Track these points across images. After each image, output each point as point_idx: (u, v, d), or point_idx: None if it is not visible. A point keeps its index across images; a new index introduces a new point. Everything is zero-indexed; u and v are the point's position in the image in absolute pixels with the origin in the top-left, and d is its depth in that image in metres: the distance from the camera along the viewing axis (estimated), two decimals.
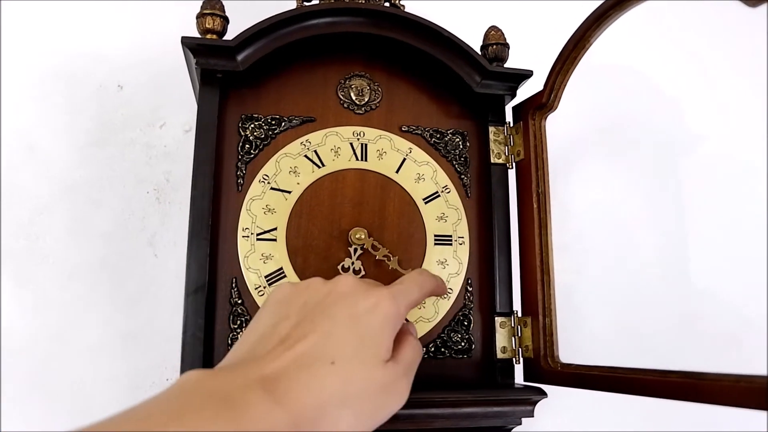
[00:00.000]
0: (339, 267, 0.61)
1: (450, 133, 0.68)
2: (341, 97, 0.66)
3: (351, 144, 0.65)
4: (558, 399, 0.63)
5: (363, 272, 0.61)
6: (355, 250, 0.61)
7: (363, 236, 0.61)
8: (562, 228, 0.79)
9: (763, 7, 0.41)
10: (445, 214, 0.65)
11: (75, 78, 0.84)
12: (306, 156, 0.63)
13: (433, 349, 0.62)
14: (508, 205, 0.66)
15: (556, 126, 0.72)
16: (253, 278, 0.59)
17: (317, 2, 0.63)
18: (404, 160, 0.65)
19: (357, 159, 0.64)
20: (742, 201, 0.96)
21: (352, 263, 0.61)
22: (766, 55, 0.98)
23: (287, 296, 0.47)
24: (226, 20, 0.61)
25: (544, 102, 0.63)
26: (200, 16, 0.61)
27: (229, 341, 0.58)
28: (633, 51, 0.97)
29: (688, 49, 1.02)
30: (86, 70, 0.84)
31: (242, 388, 0.37)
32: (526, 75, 0.66)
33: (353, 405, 0.41)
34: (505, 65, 0.67)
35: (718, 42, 1.03)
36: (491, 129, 0.68)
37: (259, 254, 0.60)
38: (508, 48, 0.67)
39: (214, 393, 0.36)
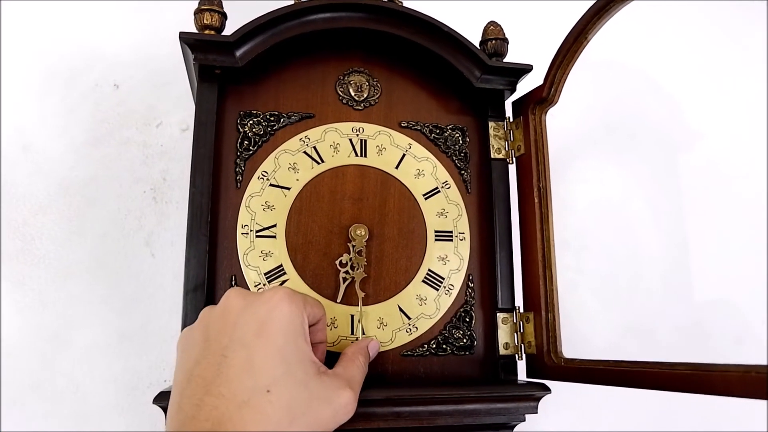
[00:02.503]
0: (337, 263, 0.60)
1: (450, 128, 0.67)
2: (340, 93, 0.66)
3: (350, 140, 0.64)
4: (562, 395, 0.62)
5: (361, 267, 0.60)
6: (353, 246, 0.60)
7: (363, 232, 0.60)
8: (563, 224, 0.79)
9: (763, 3, 0.41)
10: (446, 209, 0.65)
11: (71, 77, 0.83)
12: (305, 152, 0.63)
13: (434, 345, 0.61)
14: (509, 201, 0.66)
15: (556, 122, 0.72)
16: (252, 276, 0.59)
17: None
18: (404, 155, 0.65)
19: (356, 155, 0.64)
20: (741, 197, 0.96)
21: (350, 259, 0.60)
22: (765, 51, 0.98)
23: (188, 341, 0.46)
24: (224, 16, 0.61)
25: (545, 96, 0.63)
26: (198, 12, 0.60)
27: None
28: (633, 47, 0.97)
29: (688, 45, 1.02)
30: (82, 68, 0.84)
31: None
32: (525, 69, 0.65)
33: (301, 422, 0.42)
34: (505, 60, 0.66)
35: (717, 38, 1.03)
36: (491, 124, 0.67)
37: (258, 251, 0.59)
38: (508, 43, 0.67)
39: None
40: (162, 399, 0.51)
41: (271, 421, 0.40)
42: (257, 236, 0.60)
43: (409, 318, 0.61)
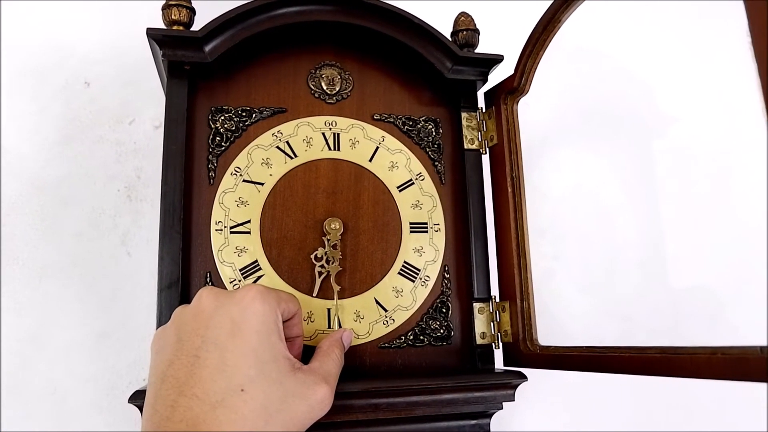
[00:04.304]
0: (312, 257, 0.60)
1: (423, 120, 0.67)
2: (312, 87, 0.65)
3: (323, 134, 0.64)
4: (541, 382, 0.63)
5: (336, 261, 0.60)
6: (328, 240, 0.60)
7: (338, 226, 0.60)
8: (538, 213, 0.79)
9: None
10: (420, 201, 0.65)
11: (41, 75, 0.82)
12: (278, 147, 0.63)
13: (412, 337, 0.62)
14: (483, 191, 0.66)
15: (530, 111, 0.73)
16: (227, 272, 0.59)
17: None
18: (377, 148, 0.65)
19: (330, 149, 0.64)
20: (714, 181, 0.98)
21: (326, 252, 0.60)
22: (738, 34, 0.99)
23: (160, 342, 0.46)
24: (192, 11, 0.60)
25: (516, 86, 0.63)
26: (166, 8, 0.59)
27: None
28: (604, 35, 0.98)
29: (659, 30, 1.03)
30: (52, 67, 0.83)
31: None
32: (496, 60, 0.66)
33: (277, 420, 0.42)
34: (476, 51, 0.67)
35: (688, 22, 1.04)
36: (464, 115, 0.68)
37: (233, 247, 0.59)
38: (479, 34, 0.67)
39: None
40: (137, 398, 0.51)
41: (247, 420, 0.40)
42: (231, 232, 0.59)
43: (385, 310, 0.61)
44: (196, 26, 0.60)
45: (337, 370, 0.51)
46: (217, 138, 0.61)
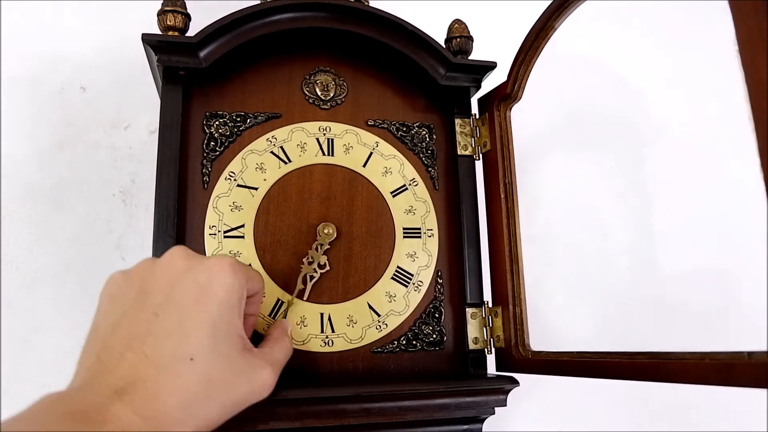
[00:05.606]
0: (304, 260, 0.60)
1: (416, 126, 0.68)
2: (306, 92, 0.66)
3: (317, 139, 0.64)
4: (533, 388, 0.63)
5: (328, 267, 0.60)
6: (321, 245, 0.60)
7: (331, 231, 0.60)
8: (531, 219, 0.80)
9: None
10: (414, 207, 0.65)
11: (36, 80, 0.82)
12: (272, 152, 0.63)
13: (404, 342, 0.62)
14: (476, 197, 0.67)
15: (523, 118, 0.73)
16: None
17: None
18: (371, 154, 0.65)
19: (324, 154, 0.64)
20: (706, 187, 0.98)
21: (318, 257, 0.60)
22: (727, 40, 1.00)
23: (120, 289, 0.45)
24: (187, 17, 0.61)
25: (509, 92, 0.64)
26: (161, 14, 0.60)
27: None
28: (597, 42, 0.98)
29: (650, 36, 1.03)
30: (47, 72, 0.83)
31: (98, 407, 0.36)
32: (490, 66, 0.66)
33: (218, 396, 0.41)
34: (470, 58, 0.67)
35: (679, 29, 1.04)
36: (457, 121, 0.68)
37: (226, 252, 0.59)
38: (472, 41, 0.67)
39: (71, 413, 0.35)
40: None
41: (188, 389, 0.39)
42: (225, 237, 0.60)
43: (378, 315, 0.61)
44: (192, 32, 0.60)
45: (285, 358, 0.51)
46: (212, 143, 0.62)
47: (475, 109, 0.69)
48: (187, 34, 0.60)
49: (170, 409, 0.38)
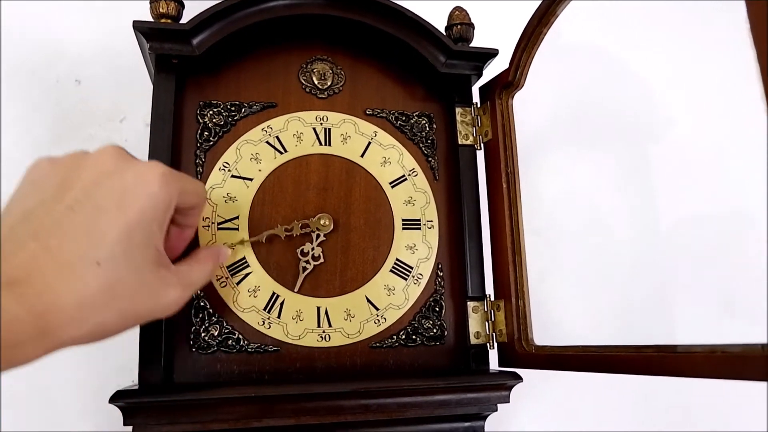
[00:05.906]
0: (298, 251, 0.59)
1: (416, 115, 0.66)
2: (303, 81, 0.64)
3: (314, 129, 0.63)
4: (537, 383, 0.62)
5: (323, 260, 0.59)
6: (318, 236, 0.59)
7: (327, 222, 0.59)
8: (534, 212, 0.78)
9: None
10: (413, 197, 0.63)
11: (31, 74, 0.81)
12: (267, 142, 0.61)
13: (404, 336, 0.60)
14: (478, 187, 0.65)
15: (525, 111, 0.71)
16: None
17: None
18: (369, 144, 0.64)
19: (320, 144, 0.62)
20: (711, 183, 0.96)
21: (312, 249, 0.59)
22: (736, 36, 0.98)
23: (43, 174, 0.42)
24: (180, 5, 0.59)
25: (510, 80, 0.62)
26: (154, 1, 0.58)
27: (191, 336, 0.56)
28: (602, 32, 0.96)
29: (658, 30, 1.01)
30: (42, 65, 0.81)
31: None
32: (491, 54, 0.64)
33: (118, 306, 0.39)
34: (471, 45, 0.65)
35: (688, 22, 1.02)
36: (458, 110, 0.66)
37: (220, 244, 0.58)
38: (473, 28, 0.66)
39: None
40: (118, 398, 0.49)
41: (87, 293, 0.37)
42: (219, 229, 0.58)
43: (377, 309, 0.60)
44: (184, 20, 0.59)
45: (203, 282, 0.49)
46: (206, 133, 0.60)
47: (476, 97, 0.67)
48: (180, 23, 0.59)
49: (64, 308, 0.36)
